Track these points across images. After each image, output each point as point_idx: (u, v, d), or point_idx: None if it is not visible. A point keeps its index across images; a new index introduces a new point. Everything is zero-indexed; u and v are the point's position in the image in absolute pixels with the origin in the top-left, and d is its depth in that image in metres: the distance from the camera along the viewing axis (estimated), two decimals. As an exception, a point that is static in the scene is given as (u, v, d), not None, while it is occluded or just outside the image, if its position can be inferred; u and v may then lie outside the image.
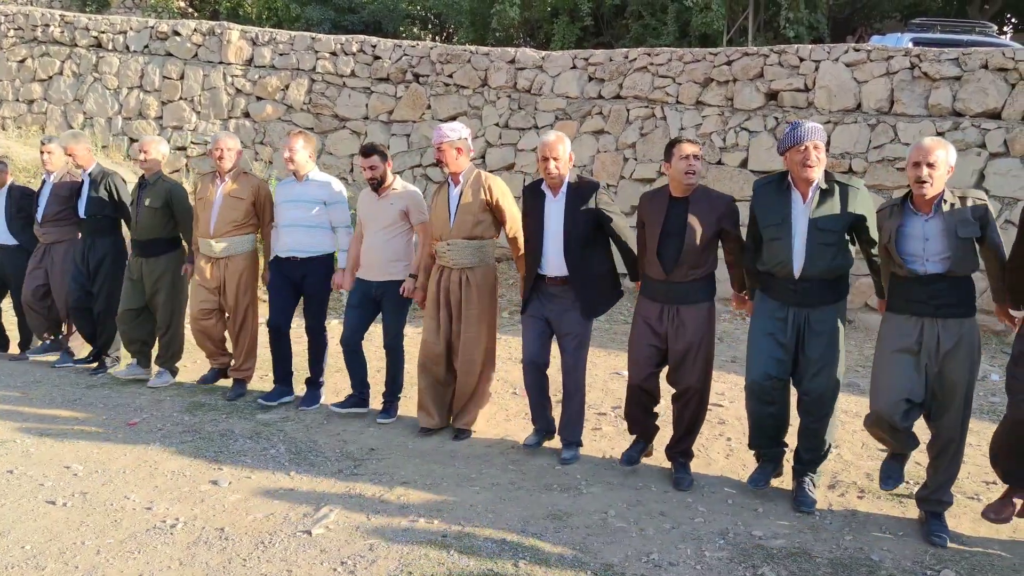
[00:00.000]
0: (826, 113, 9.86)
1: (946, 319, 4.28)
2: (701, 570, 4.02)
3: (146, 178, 6.82)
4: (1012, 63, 8.95)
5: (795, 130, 4.52)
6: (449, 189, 5.74)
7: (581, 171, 11.13)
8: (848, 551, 4.23)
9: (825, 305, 4.64)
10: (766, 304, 4.77)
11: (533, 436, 5.61)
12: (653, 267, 4.93)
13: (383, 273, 6.04)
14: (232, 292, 6.54)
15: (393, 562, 4.04)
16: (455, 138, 5.64)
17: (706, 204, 4.91)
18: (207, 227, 6.46)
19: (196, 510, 4.62)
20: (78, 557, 4.08)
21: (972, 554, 4.22)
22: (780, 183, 4.70)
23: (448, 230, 5.65)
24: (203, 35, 13.60)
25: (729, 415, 6.30)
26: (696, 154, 4.86)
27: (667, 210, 4.90)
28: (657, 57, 11.10)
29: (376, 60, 12.77)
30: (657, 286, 4.96)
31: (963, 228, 4.24)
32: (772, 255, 4.65)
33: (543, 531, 4.39)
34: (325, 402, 6.50)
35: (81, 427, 5.91)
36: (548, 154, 5.20)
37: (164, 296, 6.85)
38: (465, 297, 5.68)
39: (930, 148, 4.24)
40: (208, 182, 6.60)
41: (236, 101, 13.37)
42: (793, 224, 4.58)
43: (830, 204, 4.56)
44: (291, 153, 6.24)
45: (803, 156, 4.50)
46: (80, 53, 14.12)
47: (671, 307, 4.93)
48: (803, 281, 4.57)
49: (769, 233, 4.66)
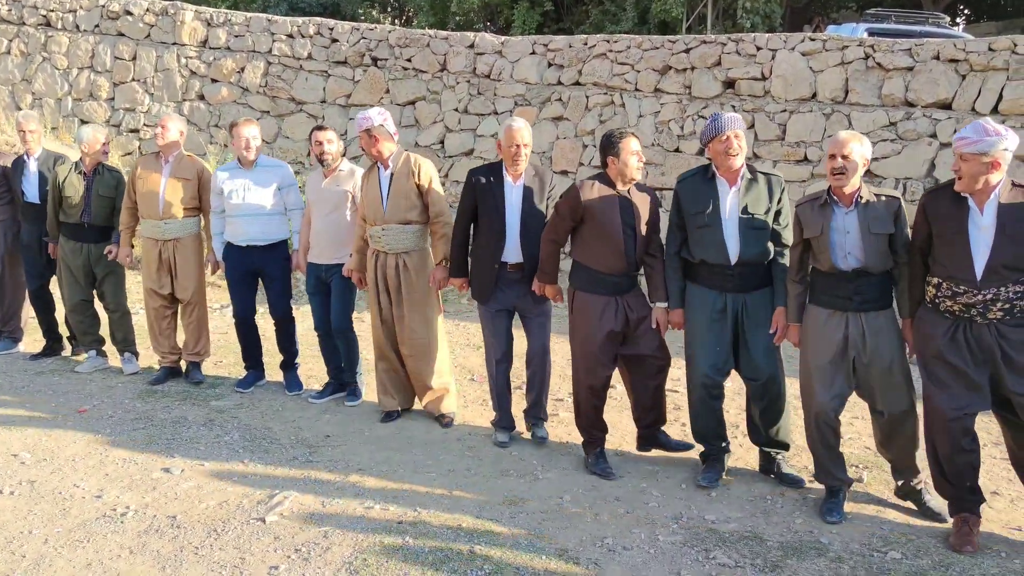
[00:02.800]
0: (782, 102, 9.94)
1: (867, 312, 4.39)
2: (654, 554, 4.06)
3: (91, 166, 6.68)
4: (963, 54, 9.07)
5: (715, 121, 4.62)
6: (379, 172, 5.70)
7: (540, 158, 11.19)
8: (798, 534, 4.29)
9: (760, 289, 4.77)
10: (701, 294, 4.82)
11: (504, 434, 5.58)
12: (611, 262, 4.92)
13: (331, 256, 6.04)
14: (183, 274, 6.47)
15: (348, 549, 4.03)
16: (379, 123, 5.56)
17: (644, 196, 5.01)
18: (154, 208, 6.38)
19: (148, 498, 4.57)
20: (25, 546, 4.02)
21: (918, 536, 4.29)
22: (704, 174, 4.81)
23: (382, 215, 5.63)
24: (156, 15, 13.35)
25: (684, 400, 6.30)
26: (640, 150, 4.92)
27: (619, 206, 4.90)
28: (616, 44, 11.10)
29: (334, 43, 12.64)
30: (610, 279, 4.96)
31: (876, 224, 4.33)
32: (703, 244, 4.73)
33: (499, 516, 4.40)
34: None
35: (29, 414, 5.82)
36: (520, 141, 5.20)
37: (115, 280, 6.82)
38: (404, 282, 5.67)
39: (844, 141, 4.32)
40: (151, 163, 6.50)
41: (190, 83, 13.16)
42: (722, 211, 4.69)
43: (757, 191, 4.71)
44: (248, 143, 6.18)
45: (725, 145, 4.61)
46: (28, 32, 13.82)
47: (622, 298, 4.98)
48: (740, 266, 4.68)
49: (697, 221, 4.73)
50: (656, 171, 10.46)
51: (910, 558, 4.05)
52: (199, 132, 12.88)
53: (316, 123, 12.36)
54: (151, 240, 6.45)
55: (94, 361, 6.97)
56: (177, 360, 6.77)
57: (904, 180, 9.16)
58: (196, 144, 12.67)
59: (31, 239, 7.11)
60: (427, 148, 11.89)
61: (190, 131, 12.68)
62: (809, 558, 4.04)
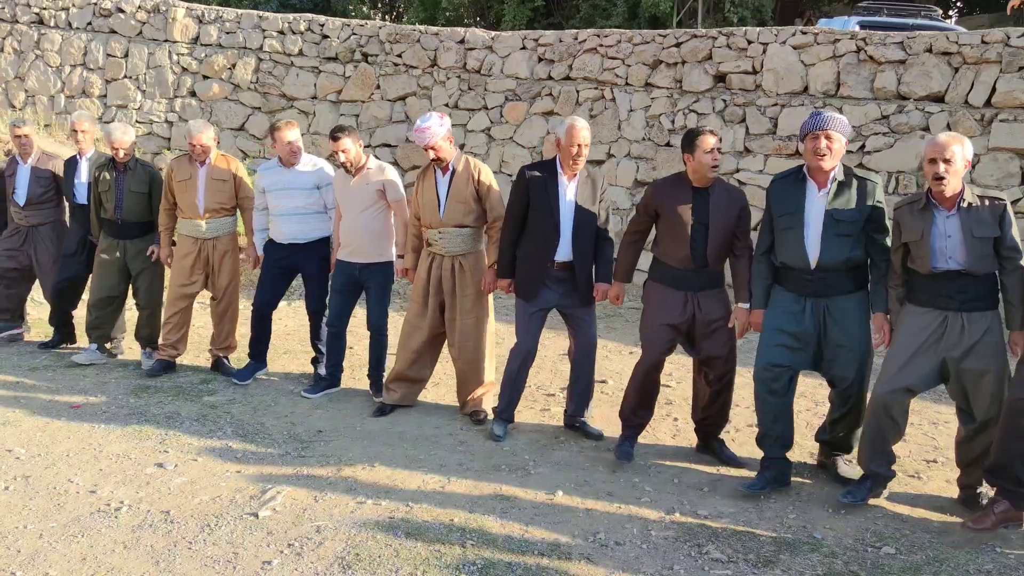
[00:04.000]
0: (773, 96, 9.95)
1: (970, 312, 4.30)
2: (647, 549, 4.07)
3: (119, 161, 6.68)
4: (956, 47, 9.08)
5: (814, 118, 4.51)
6: (436, 175, 5.67)
7: (531, 153, 11.19)
8: (792, 529, 4.31)
9: (844, 295, 4.61)
10: (781, 296, 4.73)
11: (502, 427, 5.57)
12: (680, 257, 4.92)
13: (366, 255, 6.02)
14: (220, 271, 6.62)
15: (340, 544, 4.04)
16: (441, 135, 5.51)
17: (726, 196, 4.94)
18: (194, 208, 6.48)
19: (141, 493, 4.57)
20: (20, 541, 4.02)
21: (912, 531, 4.31)
22: (796, 175, 4.70)
23: (438, 219, 5.62)
24: (148, 12, 13.32)
25: (676, 396, 6.37)
26: (719, 147, 4.88)
27: (694, 202, 4.88)
28: (607, 39, 11.09)
29: (324, 39, 12.62)
30: (681, 275, 4.95)
31: (979, 228, 4.23)
32: (786, 246, 4.65)
33: (491, 511, 4.42)
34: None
35: (23, 409, 5.81)
36: (582, 141, 5.17)
37: (150, 277, 6.87)
38: (459, 283, 5.66)
39: (945, 144, 4.21)
40: (186, 164, 6.55)
41: (182, 80, 13.14)
42: (807, 214, 4.58)
43: (847, 196, 4.55)
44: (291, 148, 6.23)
45: (814, 144, 4.49)
46: (21, 30, 13.78)
47: (693, 294, 4.95)
48: (820, 271, 4.56)
49: (782, 223, 4.65)
50: (647, 166, 10.47)
51: (904, 553, 4.07)
52: (191, 128, 12.85)
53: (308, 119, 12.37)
54: (190, 238, 6.56)
55: (91, 354, 6.93)
56: (176, 356, 6.80)
57: (896, 173, 9.17)
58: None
59: (73, 240, 7.11)
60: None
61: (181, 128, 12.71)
62: (802, 553, 4.06)
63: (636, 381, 5.13)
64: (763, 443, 4.83)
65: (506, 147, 11.50)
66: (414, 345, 5.86)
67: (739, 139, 10.04)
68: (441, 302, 5.75)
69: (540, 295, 5.37)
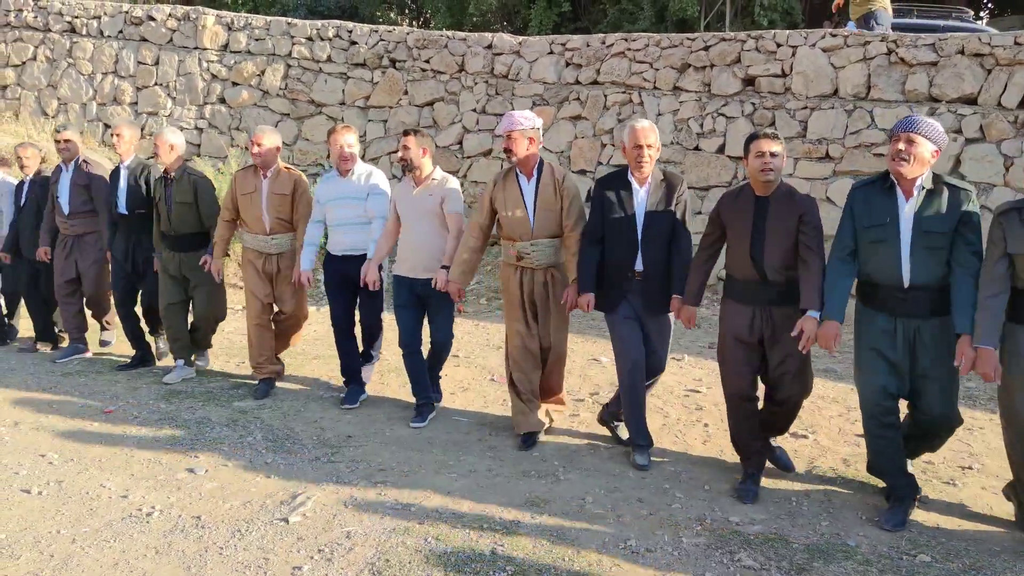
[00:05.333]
0: (803, 99, 9.88)
1: None
2: (678, 556, 4.04)
3: (169, 172, 6.60)
4: (988, 48, 8.99)
5: (902, 120, 4.22)
6: (519, 182, 5.38)
7: (558, 157, 11.18)
8: (825, 536, 4.25)
9: (938, 316, 4.22)
10: (869, 316, 4.38)
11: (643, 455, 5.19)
12: (743, 269, 4.66)
13: (430, 270, 5.71)
14: (284, 287, 6.44)
15: (370, 549, 4.03)
16: (528, 127, 5.25)
17: (786, 203, 4.57)
18: (259, 223, 6.32)
19: (172, 498, 4.59)
20: (53, 546, 4.05)
21: (948, 539, 4.25)
22: (883, 183, 4.32)
23: (528, 230, 5.33)
24: (178, 20, 13.45)
25: (707, 401, 6.32)
26: (774, 151, 4.52)
27: (754, 209, 4.61)
28: (634, 42, 11.07)
29: (352, 45, 12.68)
30: (746, 288, 4.68)
31: None
32: (875, 261, 4.29)
33: (521, 518, 4.39)
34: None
35: (56, 415, 5.87)
36: (643, 141, 4.91)
37: (204, 290, 6.69)
38: (553, 297, 5.40)
39: None
40: (249, 178, 6.35)
41: (212, 87, 13.24)
42: (900, 227, 4.21)
43: (936, 205, 4.19)
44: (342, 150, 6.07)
45: (894, 147, 4.20)
46: (53, 38, 13.94)
47: (763, 309, 4.64)
48: (913, 289, 4.22)
49: (871, 235, 4.28)
50: (675, 170, 10.41)
51: (940, 561, 4.01)
52: (220, 135, 12.96)
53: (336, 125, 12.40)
54: (254, 251, 6.40)
55: (182, 371, 6.79)
56: (278, 371, 6.61)
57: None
58: (217, 147, 12.76)
59: (117, 252, 6.98)
60: (446, 149, 11.91)
61: (211, 134, 12.80)
62: (836, 561, 4.01)
63: (729, 412, 4.88)
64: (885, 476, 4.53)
65: (533, 152, 11.46)
66: (531, 367, 5.52)
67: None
68: (535, 316, 5.47)
69: (621, 307, 5.10)
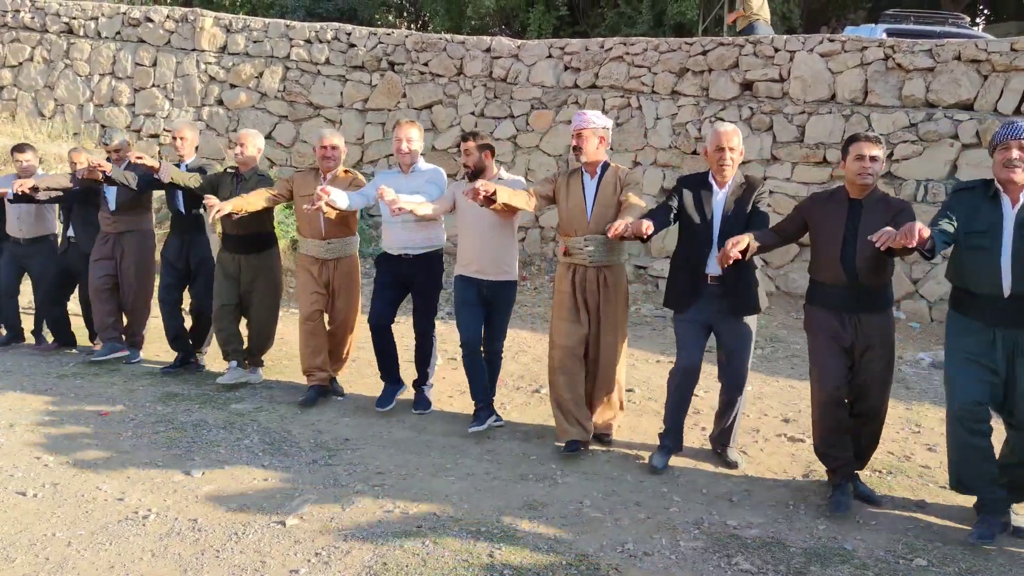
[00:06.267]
0: (800, 104, 9.90)
1: None
2: (676, 560, 4.03)
3: (241, 173, 6.56)
4: (984, 54, 9.01)
5: (1006, 127, 4.10)
6: (583, 179, 5.38)
7: (556, 161, 11.18)
8: (822, 540, 4.25)
9: None
10: (964, 324, 4.28)
11: (662, 457, 5.20)
12: (832, 273, 4.57)
13: (495, 272, 5.69)
14: (340, 294, 6.40)
15: (368, 553, 4.03)
16: (599, 125, 5.28)
17: (883, 206, 4.51)
18: (315, 228, 6.26)
19: (169, 501, 4.58)
20: (48, 549, 4.04)
21: (944, 543, 4.25)
22: (986, 188, 4.21)
23: (585, 224, 5.31)
24: (176, 22, 13.44)
25: (704, 405, 6.32)
26: (874, 155, 4.47)
27: (848, 213, 4.55)
28: (633, 47, 11.09)
29: (351, 48, 12.67)
30: (834, 293, 4.60)
31: None
32: (974, 268, 4.19)
33: (518, 521, 4.39)
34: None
35: (52, 417, 5.85)
36: (725, 144, 4.90)
37: (260, 294, 6.67)
38: (604, 299, 5.35)
39: None
40: (311, 179, 6.25)
41: (209, 88, 13.23)
42: (1004, 235, 4.10)
43: None
44: (400, 144, 5.94)
45: (1004, 155, 4.08)
46: (51, 39, 13.92)
47: (851, 315, 4.58)
48: (1014, 299, 4.10)
49: (972, 241, 4.16)
50: (673, 174, 10.42)
51: (936, 565, 4.02)
52: (218, 137, 12.94)
53: (334, 127, 12.39)
54: (311, 258, 6.34)
55: (235, 373, 6.67)
56: (327, 378, 6.48)
57: (925, 182, 9.10)
58: (214, 149, 12.74)
59: (170, 251, 6.99)
60: (444, 152, 11.91)
61: (208, 136, 12.78)
62: (833, 565, 4.01)
63: (816, 418, 4.73)
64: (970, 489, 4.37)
65: (532, 155, 11.49)
66: (575, 370, 5.42)
67: (766, 147, 10.00)
68: (588, 317, 5.40)
69: (691, 309, 5.06)
